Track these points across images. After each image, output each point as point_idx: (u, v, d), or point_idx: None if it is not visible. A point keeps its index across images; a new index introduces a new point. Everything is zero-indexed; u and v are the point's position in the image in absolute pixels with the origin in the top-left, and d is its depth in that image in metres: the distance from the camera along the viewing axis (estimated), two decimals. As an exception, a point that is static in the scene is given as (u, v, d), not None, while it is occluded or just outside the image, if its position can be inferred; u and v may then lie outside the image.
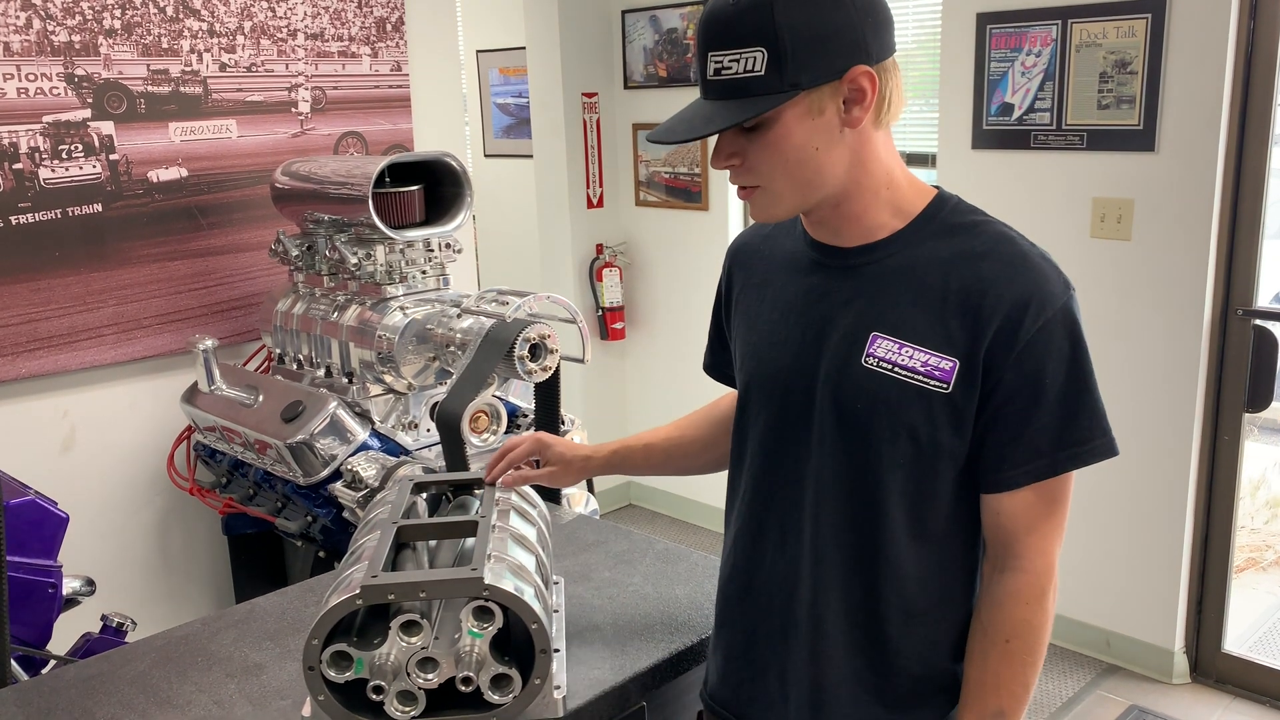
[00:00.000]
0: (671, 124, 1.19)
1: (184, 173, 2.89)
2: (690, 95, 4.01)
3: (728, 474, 1.40)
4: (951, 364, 1.16)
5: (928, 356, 1.17)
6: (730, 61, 1.13)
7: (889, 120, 1.19)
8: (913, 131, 3.56)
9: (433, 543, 1.52)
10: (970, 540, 1.25)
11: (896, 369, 1.18)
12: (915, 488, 1.20)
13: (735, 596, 1.36)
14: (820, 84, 1.13)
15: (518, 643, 1.34)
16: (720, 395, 1.56)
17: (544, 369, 2.31)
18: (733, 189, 4.45)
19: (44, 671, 2.04)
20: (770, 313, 1.30)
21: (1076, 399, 1.16)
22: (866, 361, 1.19)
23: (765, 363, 1.29)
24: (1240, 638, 3.26)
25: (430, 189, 2.66)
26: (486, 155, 5.49)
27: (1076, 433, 1.17)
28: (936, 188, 1.25)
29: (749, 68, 1.12)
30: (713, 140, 1.19)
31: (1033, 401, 1.16)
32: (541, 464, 1.57)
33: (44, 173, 2.66)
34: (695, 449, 1.56)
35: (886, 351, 1.18)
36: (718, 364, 1.50)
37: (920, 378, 1.17)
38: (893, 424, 1.18)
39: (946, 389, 1.16)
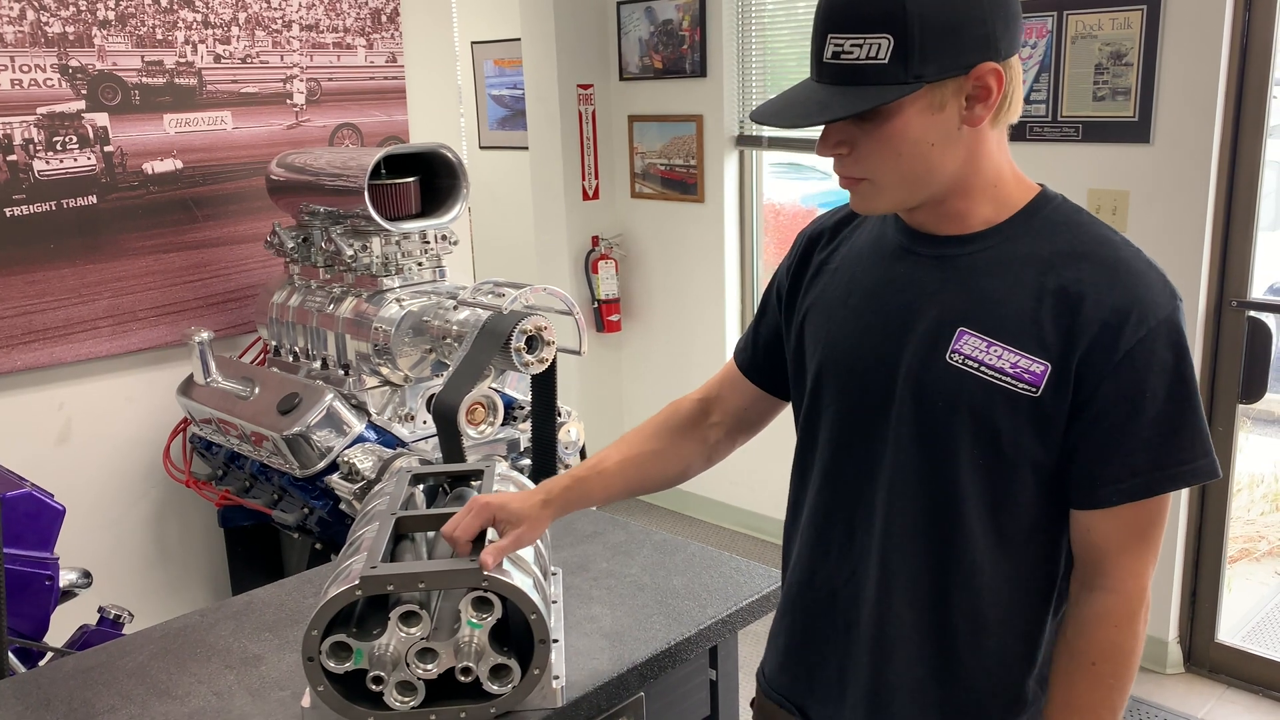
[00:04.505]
0: (780, 106, 1.12)
1: (179, 164, 2.88)
2: (685, 87, 4.01)
3: (794, 460, 1.33)
4: (1043, 367, 1.10)
5: (1018, 357, 1.10)
6: (852, 46, 1.06)
7: (1007, 119, 1.14)
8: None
9: (431, 534, 1.52)
10: (1049, 552, 1.19)
11: (983, 368, 1.11)
12: (994, 492, 1.14)
13: (799, 587, 1.31)
14: (945, 78, 1.07)
15: (517, 633, 1.34)
16: (675, 401, 1.47)
17: (540, 361, 2.31)
18: (729, 181, 4.42)
19: (41, 664, 2.04)
20: (848, 299, 1.23)
21: (1178, 416, 1.10)
22: (951, 358, 1.13)
23: (842, 351, 1.22)
24: (1234, 628, 3.28)
25: (426, 181, 2.66)
26: (482, 147, 5.48)
27: (1176, 452, 1.10)
28: (1041, 185, 1.20)
29: (872, 54, 1.05)
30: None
31: (1130, 416, 1.09)
32: (500, 526, 1.35)
33: (38, 165, 2.65)
34: (658, 464, 1.43)
35: (973, 349, 1.12)
36: (755, 362, 1.40)
37: (1008, 379, 1.10)
38: (975, 425, 1.12)
39: (1035, 393, 1.10)
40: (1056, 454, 1.13)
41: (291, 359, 2.81)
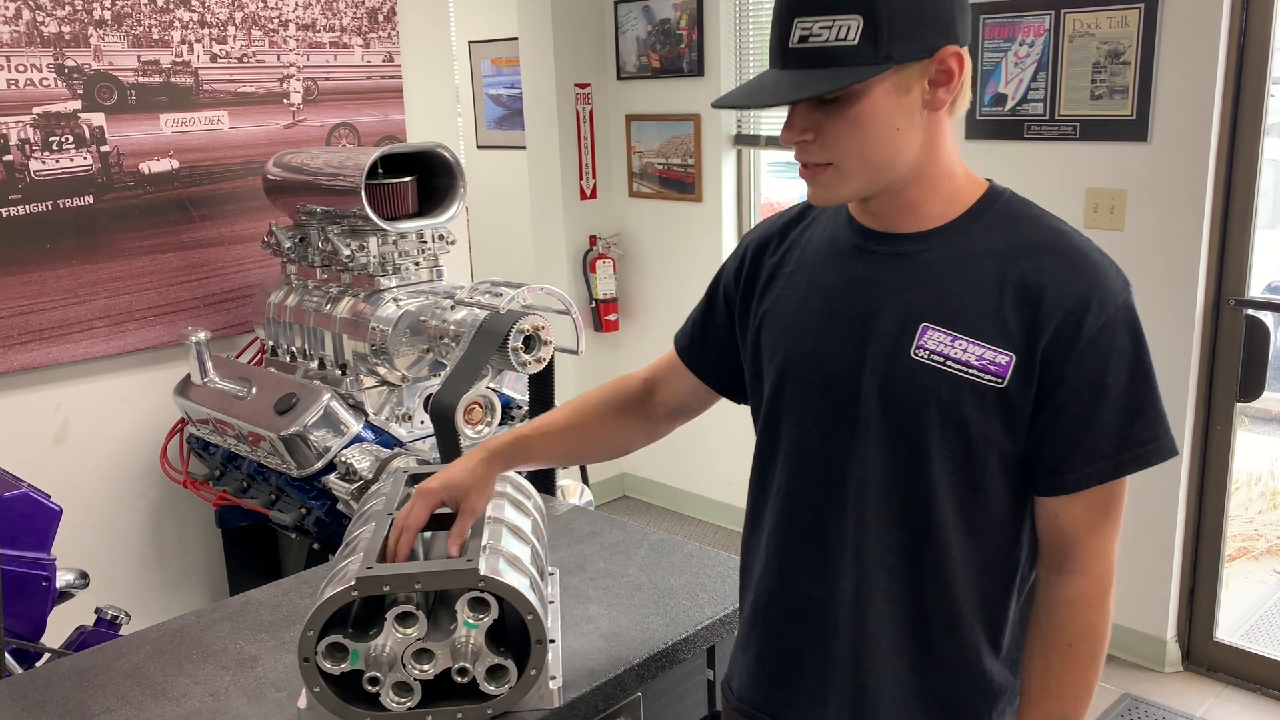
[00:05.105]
0: (748, 89, 1.13)
1: (175, 164, 2.88)
2: (683, 86, 4.01)
3: (754, 468, 1.33)
4: (1008, 358, 1.12)
5: (983, 350, 1.12)
6: (820, 29, 1.07)
7: (960, 109, 1.16)
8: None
9: (427, 534, 1.52)
10: (1013, 539, 1.21)
11: (949, 362, 1.13)
12: (965, 484, 1.16)
13: (768, 597, 1.30)
14: (912, 60, 1.08)
15: (513, 634, 1.34)
16: (622, 376, 1.50)
17: (538, 360, 2.31)
18: (727, 179, 4.40)
19: (38, 664, 2.03)
20: (806, 300, 1.24)
21: (1140, 398, 1.13)
22: (916, 354, 1.14)
23: (803, 354, 1.23)
24: (1232, 626, 3.28)
25: (423, 180, 2.66)
26: (479, 146, 5.48)
27: (1140, 433, 1.13)
28: (989, 180, 1.22)
29: (841, 36, 1.06)
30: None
31: (1095, 401, 1.12)
32: (451, 505, 1.39)
33: (34, 164, 2.65)
34: (601, 437, 1.46)
35: (938, 344, 1.14)
36: (705, 359, 1.43)
37: (974, 372, 1.12)
38: (944, 418, 1.14)
39: (1001, 384, 1.12)
40: (1022, 443, 1.16)
41: (289, 359, 2.80)
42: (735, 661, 1.38)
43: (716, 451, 4.13)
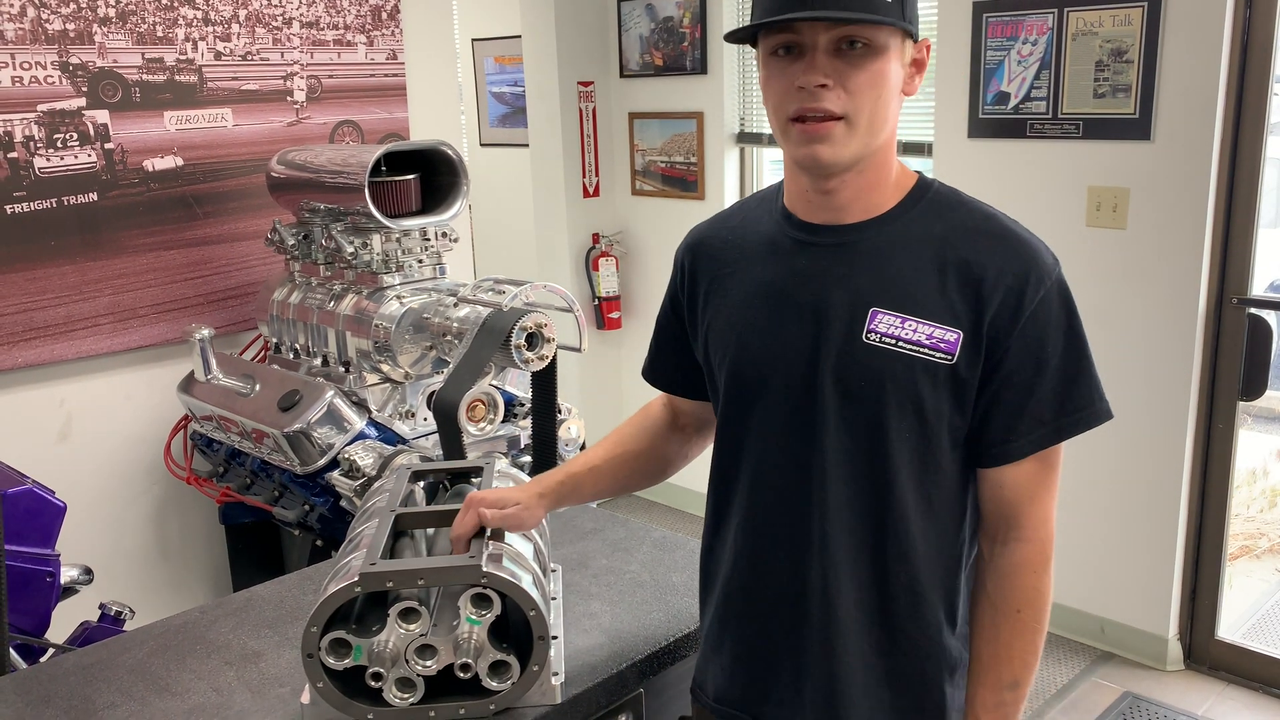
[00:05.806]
0: (788, 7, 1.11)
1: (179, 161, 2.88)
2: (686, 84, 4.01)
3: (714, 469, 1.35)
4: (956, 335, 1.17)
5: (931, 329, 1.17)
6: None
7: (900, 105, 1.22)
8: (908, 120, 3.56)
9: (430, 531, 1.52)
10: (962, 515, 1.26)
11: (900, 343, 1.17)
12: (921, 463, 1.20)
13: (739, 594, 1.32)
14: (913, 37, 1.17)
15: (516, 630, 1.35)
16: (646, 405, 1.52)
17: (541, 358, 2.31)
18: (730, 176, 4.39)
19: (43, 660, 2.04)
20: (752, 299, 1.27)
21: (1076, 365, 1.19)
22: (868, 338, 1.19)
23: (756, 350, 1.25)
24: (1234, 625, 3.28)
25: (426, 178, 2.66)
26: (482, 144, 5.48)
27: (1077, 398, 1.19)
28: (918, 172, 1.27)
29: None
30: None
31: (1036, 371, 1.18)
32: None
33: (39, 162, 2.66)
34: (641, 463, 1.49)
35: (888, 326, 1.18)
36: (664, 370, 1.46)
37: (925, 350, 1.17)
38: (899, 399, 1.18)
39: (951, 360, 1.17)
40: (969, 418, 1.20)
41: (292, 356, 2.81)
42: (706, 664, 1.39)
43: (719, 449, 4.13)
